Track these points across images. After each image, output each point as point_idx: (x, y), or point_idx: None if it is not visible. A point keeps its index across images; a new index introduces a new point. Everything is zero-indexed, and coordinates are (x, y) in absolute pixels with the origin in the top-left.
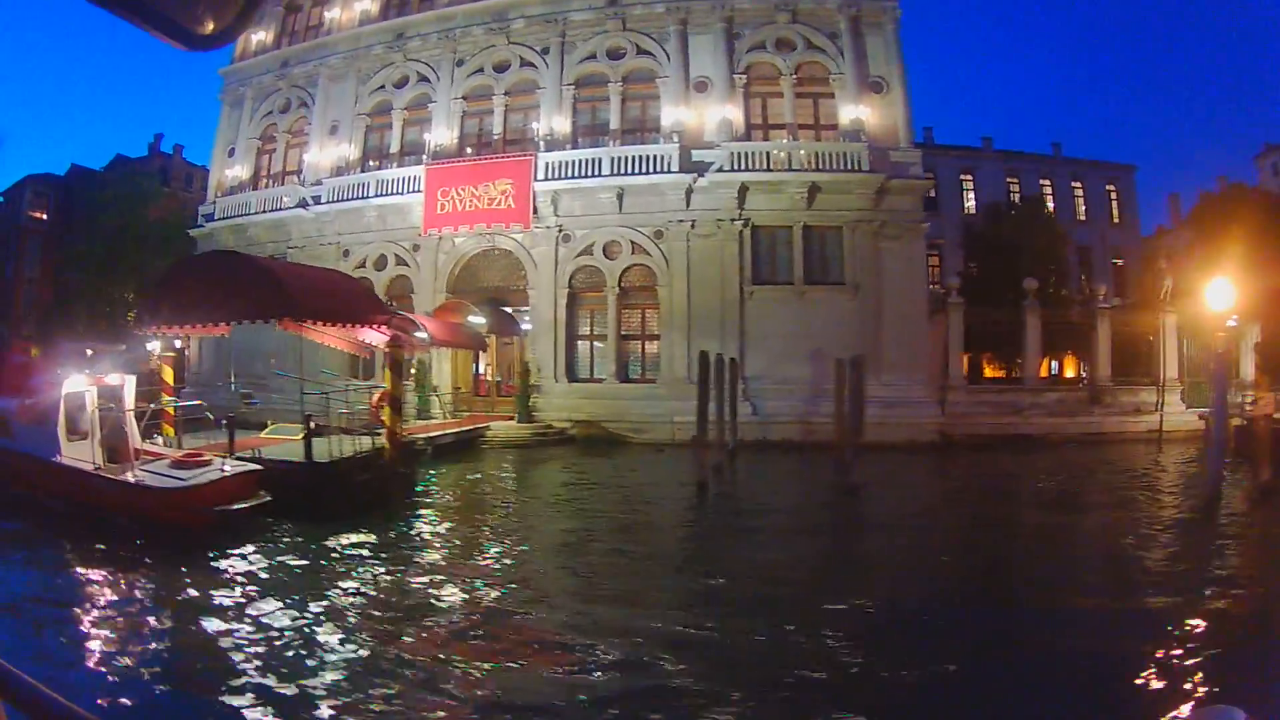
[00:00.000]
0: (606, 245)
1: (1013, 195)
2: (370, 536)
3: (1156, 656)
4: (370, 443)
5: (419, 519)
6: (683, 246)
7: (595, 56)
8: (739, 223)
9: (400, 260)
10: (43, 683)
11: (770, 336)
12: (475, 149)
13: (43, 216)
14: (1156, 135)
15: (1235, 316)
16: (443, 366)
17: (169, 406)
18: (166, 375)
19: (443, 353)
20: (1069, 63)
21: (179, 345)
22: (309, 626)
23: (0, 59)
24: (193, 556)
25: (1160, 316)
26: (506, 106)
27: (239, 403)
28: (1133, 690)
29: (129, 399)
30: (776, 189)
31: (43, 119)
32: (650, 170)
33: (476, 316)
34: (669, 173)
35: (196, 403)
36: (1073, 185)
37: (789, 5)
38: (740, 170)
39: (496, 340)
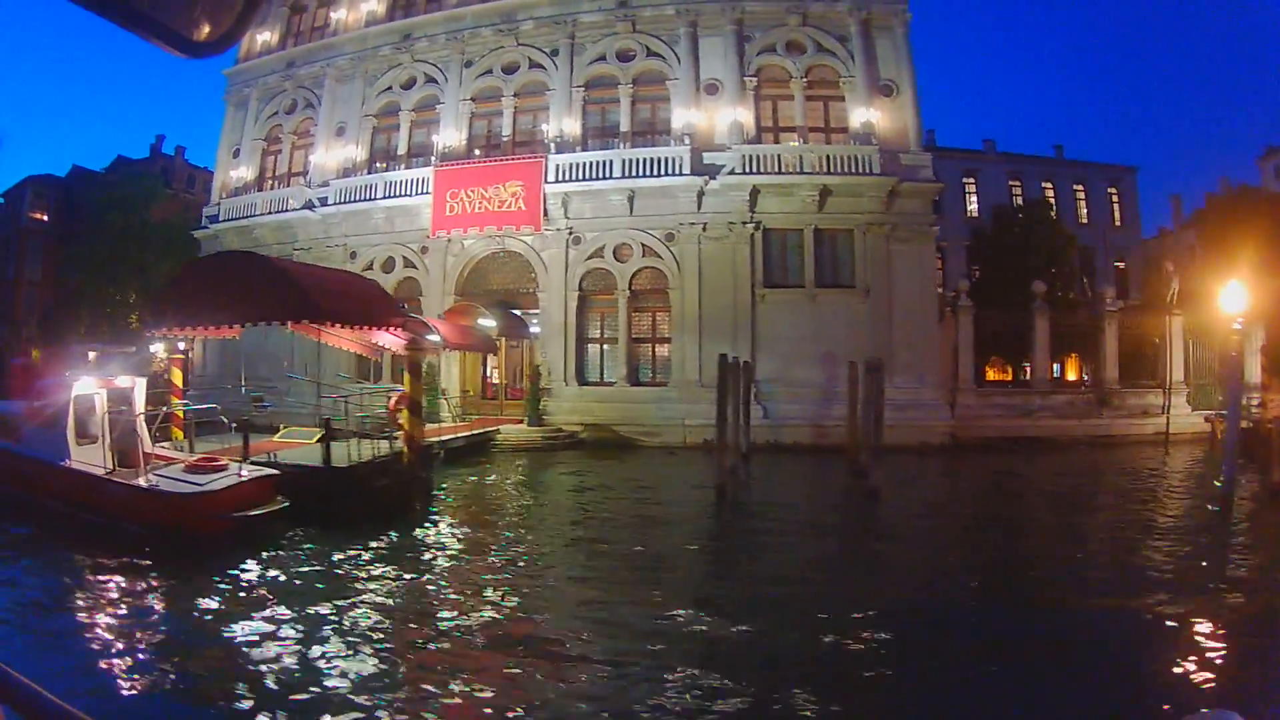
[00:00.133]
0: (617, 248)
1: (1015, 198)
2: (392, 544)
3: (1168, 658)
4: (388, 447)
5: (439, 526)
6: (694, 249)
7: (605, 58)
8: (750, 225)
9: (408, 262)
10: (45, 687)
11: (781, 339)
12: (484, 151)
13: (44, 218)
14: (1157, 137)
15: (1241, 319)
16: (451, 369)
17: (179, 410)
18: (175, 377)
19: (451, 355)
20: (1070, 65)
21: (182, 347)
22: (327, 639)
23: (0, 59)
24: (208, 564)
25: (1167, 319)
26: (515, 108)
27: (249, 406)
28: (1137, 692)
29: (139, 402)
30: (788, 192)
31: (43, 120)
32: (661, 173)
33: (486, 319)
34: (680, 175)
35: (211, 405)
36: (1074, 187)
37: (799, 8)
38: (752, 173)
39: (505, 343)
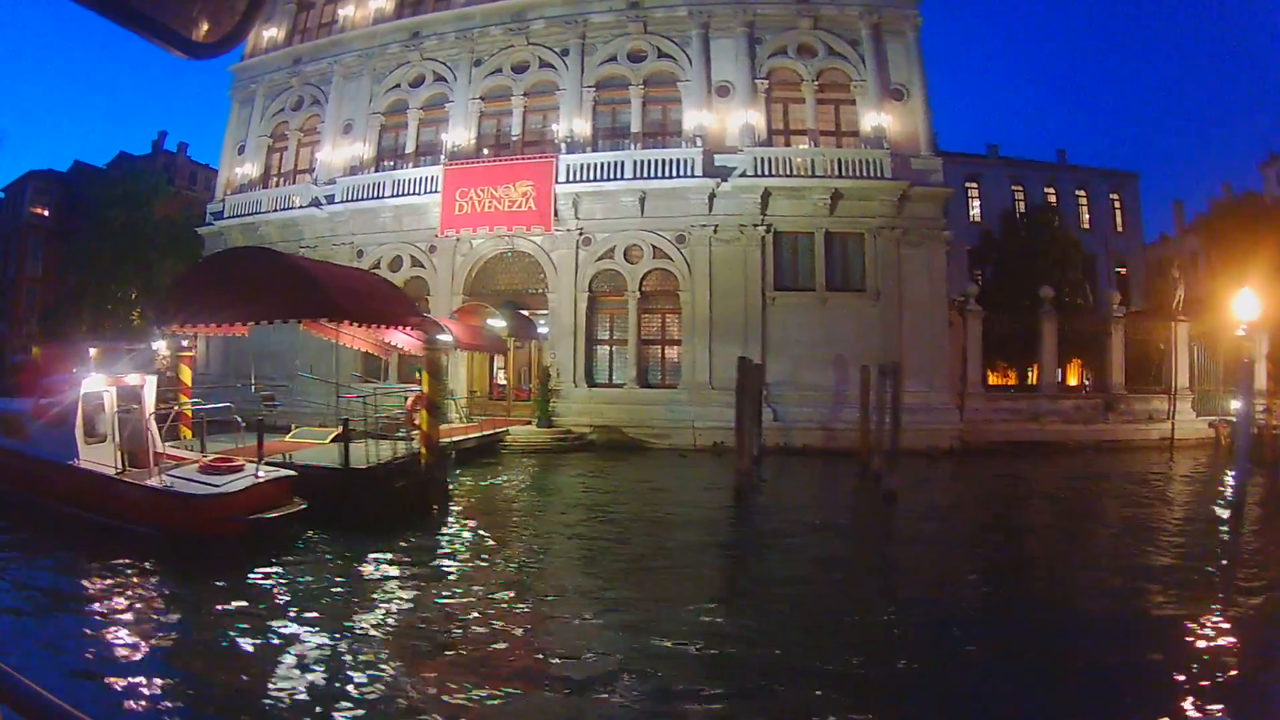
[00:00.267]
0: (627, 249)
1: (1018, 203)
2: (413, 547)
3: (1183, 660)
4: (403, 448)
5: (458, 528)
6: (705, 251)
7: (616, 59)
8: (761, 228)
9: (416, 261)
10: (52, 692)
11: (792, 343)
12: (493, 150)
13: (44, 213)
14: (1159, 143)
15: (1245, 326)
16: (459, 370)
17: (187, 409)
18: (184, 375)
19: (459, 356)
20: (1072, 70)
21: (185, 345)
22: (347, 647)
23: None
24: (224, 568)
25: (1172, 325)
26: (525, 108)
27: (259, 405)
28: (1151, 696)
29: (150, 400)
30: (799, 195)
31: (44, 115)
32: (673, 174)
33: (496, 319)
34: (692, 177)
35: (225, 405)
36: (1077, 193)
37: (810, 11)
38: (763, 176)
39: (511, 343)
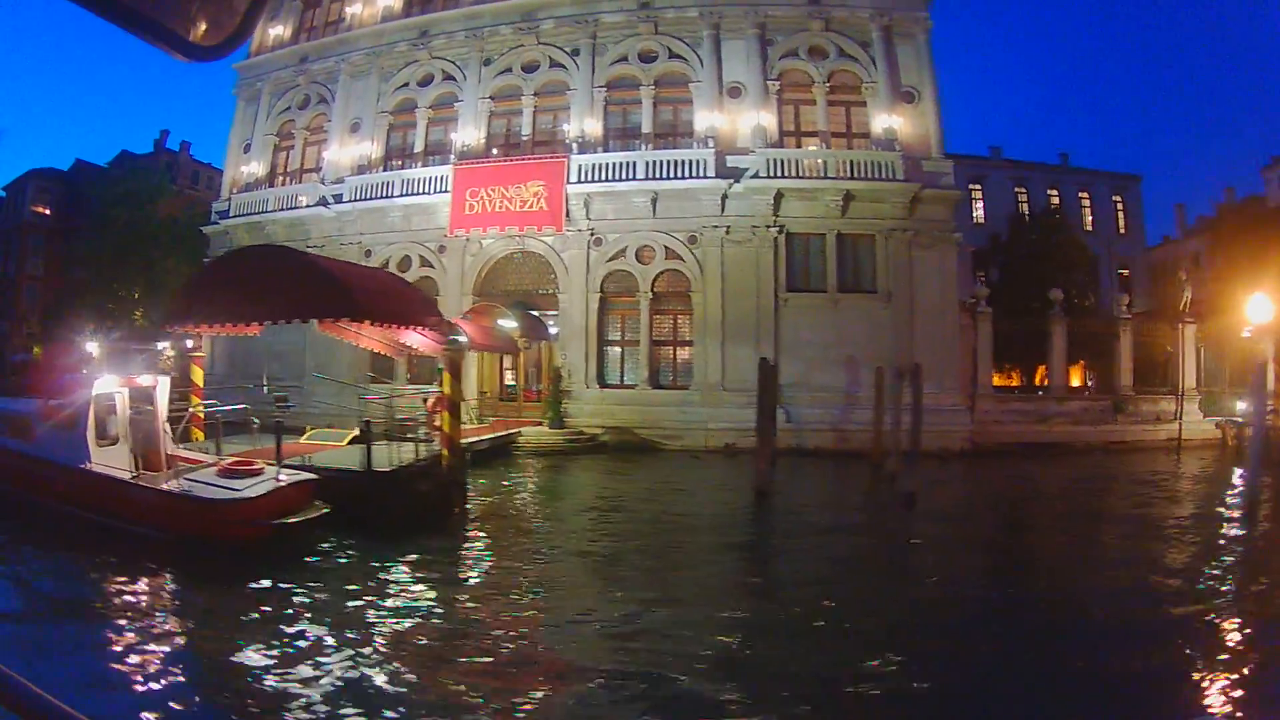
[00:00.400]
0: (639, 250)
1: (1021, 205)
2: (439, 553)
3: (1190, 666)
4: (424, 449)
5: (481, 533)
6: (717, 252)
7: (626, 59)
8: (774, 229)
9: (425, 261)
10: (46, 693)
11: (804, 344)
12: (502, 150)
13: (46, 212)
14: (1160, 146)
15: (1253, 328)
16: (469, 371)
17: (199, 409)
18: (196, 376)
19: (470, 356)
20: (1075, 73)
21: (191, 345)
22: (374, 660)
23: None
24: (247, 575)
25: (1179, 327)
26: (535, 107)
27: (269, 406)
28: (1167, 698)
29: (163, 401)
30: (812, 196)
31: (45, 114)
32: (685, 175)
33: (507, 320)
34: (705, 178)
35: (241, 406)
36: (1080, 195)
37: (821, 13)
38: (776, 177)
39: (523, 344)
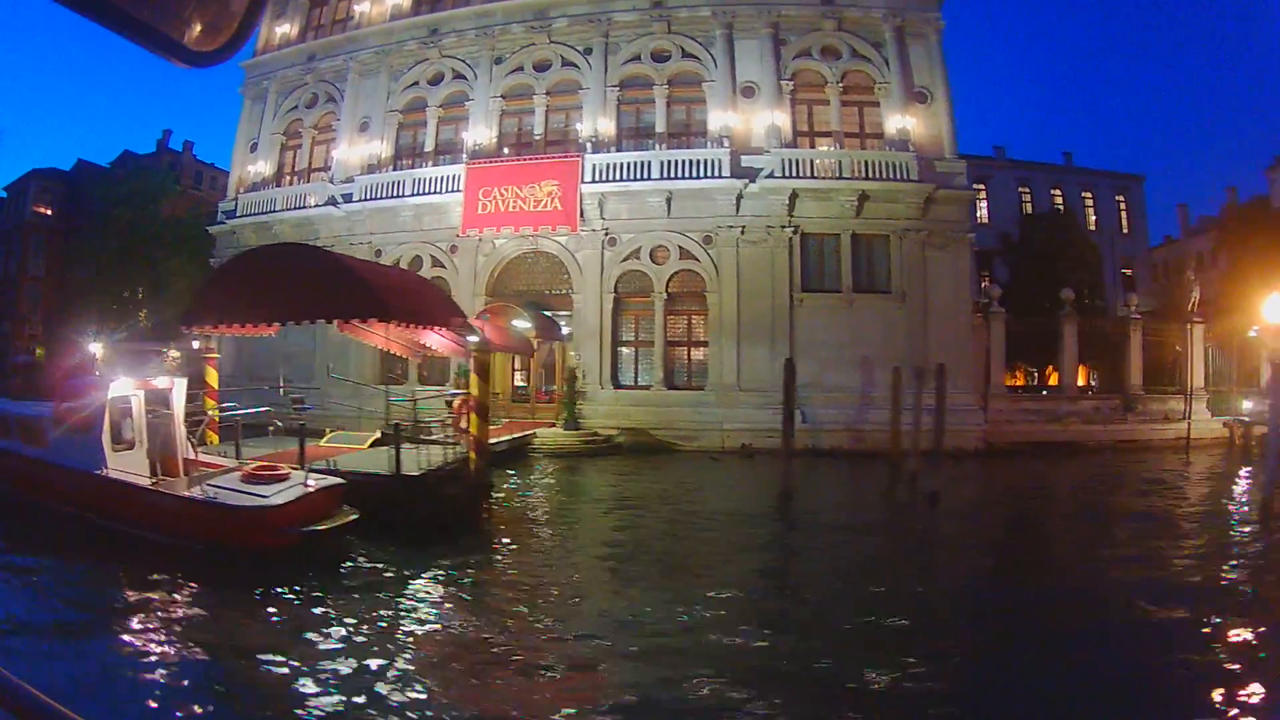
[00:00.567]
0: (653, 250)
1: (1025, 205)
2: (472, 559)
3: (1203, 669)
4: (451, 452)
5: (511, 537)
6: (732, 252)
7: (639, 58)
8: (789, 229)
9: (436, 261)
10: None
11: (819, 344)
12: (514, 149)
13: (47, 212)
14: (1162, 146)
15: (1257, 327)
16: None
17: (214, 411)
18: (210, 378)
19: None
20: (1078, 74)
21: (197, 345)
22: (412, 674)
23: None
24: (278, 585)
25: (1188, 326)
26: (548, 106)
27: (285, 408)
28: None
29: (179, 404)
30: (826, 197)
31: (45, 114)
32: (700, 175)
33: (521, 320)
34: (720, 178)
35: (263, 409)
36: (1083, 195)
37: (834, 13)
38: (791, 177)
39: (538, 345)
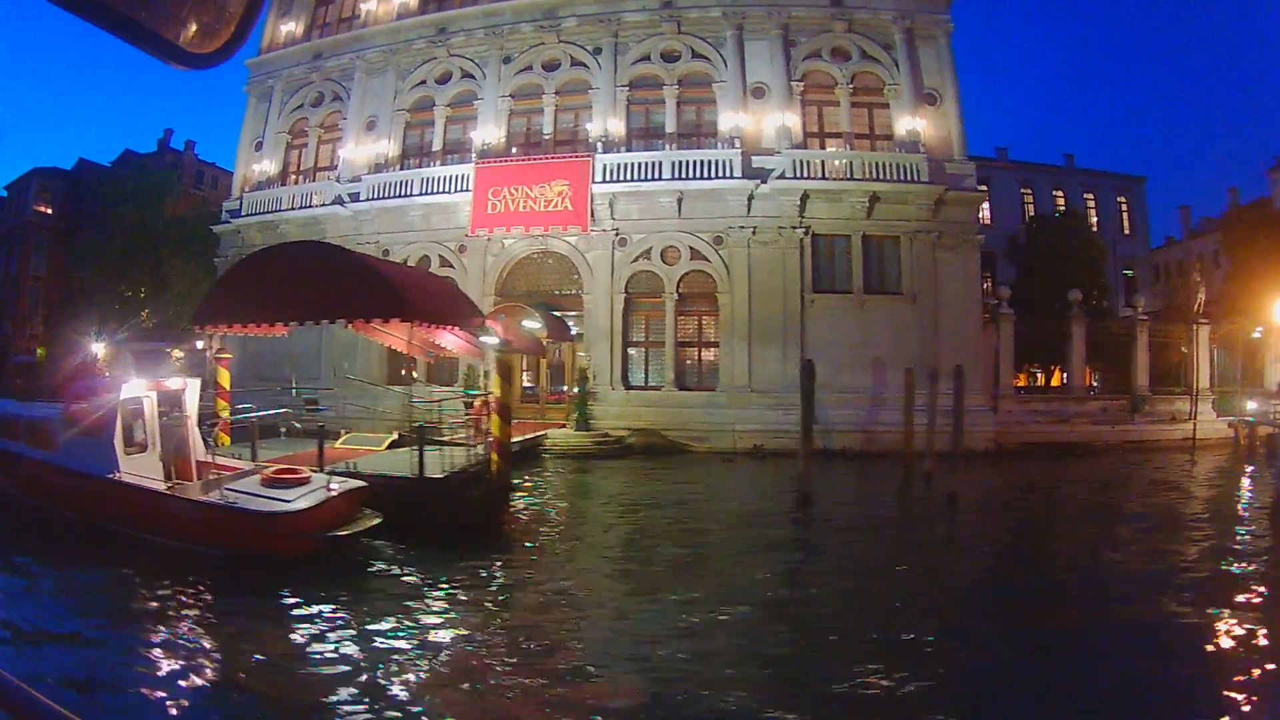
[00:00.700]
0: (664, 250)
1: (1027, 206)
2: (498, 563)
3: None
4: (472, 454)
5: (535, 540)
6: (743, 253)
7: (649, 58)
8: (800, 230)
9: (445, 261)
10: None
11: (830, 345)
12: (523, 149)
13: (48, 211)
14: (1163, 147)
15: (1261, 328)
16: (492, 372)
17: (226, 413)
18: (223, 379)
19: (492, 358)
20: (1080, 75)
21: (201, 345)
22: (447, 683)
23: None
24: (300, 592)
25: (1194, 327)
26: (557, 106)
27: (298, 409)
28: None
29: (193, 405)
30: (837, 198)
31: (46, 113)
32: (711, 175)
33: (532, 320)
34: (731, 178)
35: (280, 410)
36: (1085, 196)
37: (844, 15)
38: (802, 178)
39: (548, 345)
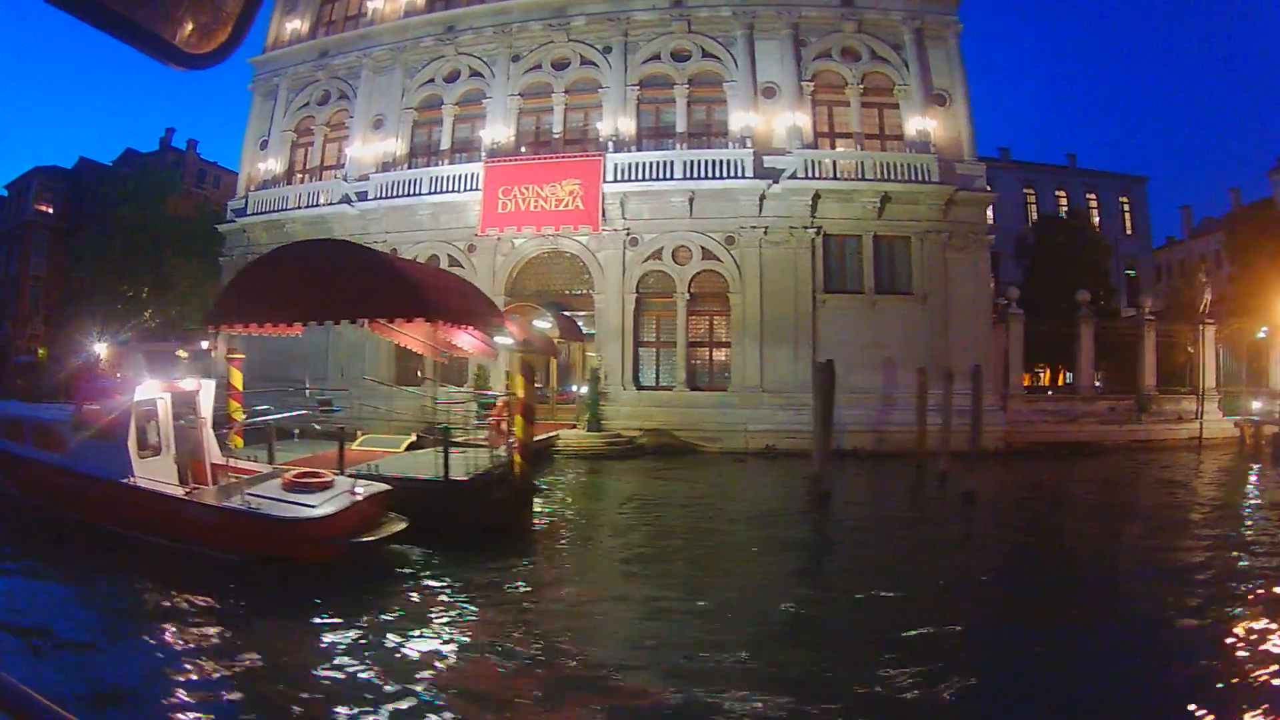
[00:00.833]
0: (675, 250)
1: (1029, 207)
2: (527, 567)
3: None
4: (495, 456)
5: (557, 543)
6: (755, 253)
7: (659, 57)
8: (812, 230)
9: (454, 261)
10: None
11: (841, 345)
12: (532, 148)
13: (49, 210)
14: (1164, 148)
15: (1266, 329)
16: (501, 372)
17: (238, 414)
18: (235, 379)
19: (502, 358)
20: (1081, 76)
21: (205, 346)
22: (464, 702)
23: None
24: (333, 602)
25: (1200, 327)
26: (566, 105)
27: (314, 411)
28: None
29: (207, 407)
30: (848, 198)
31: (46, 112)
32: (723, 175)
33: (543, 320)
34: (743, 178)
35: (301, 413)
36: (1087, 196)
37: (854, 15)
38: (814, 178)
39: (559, 345)
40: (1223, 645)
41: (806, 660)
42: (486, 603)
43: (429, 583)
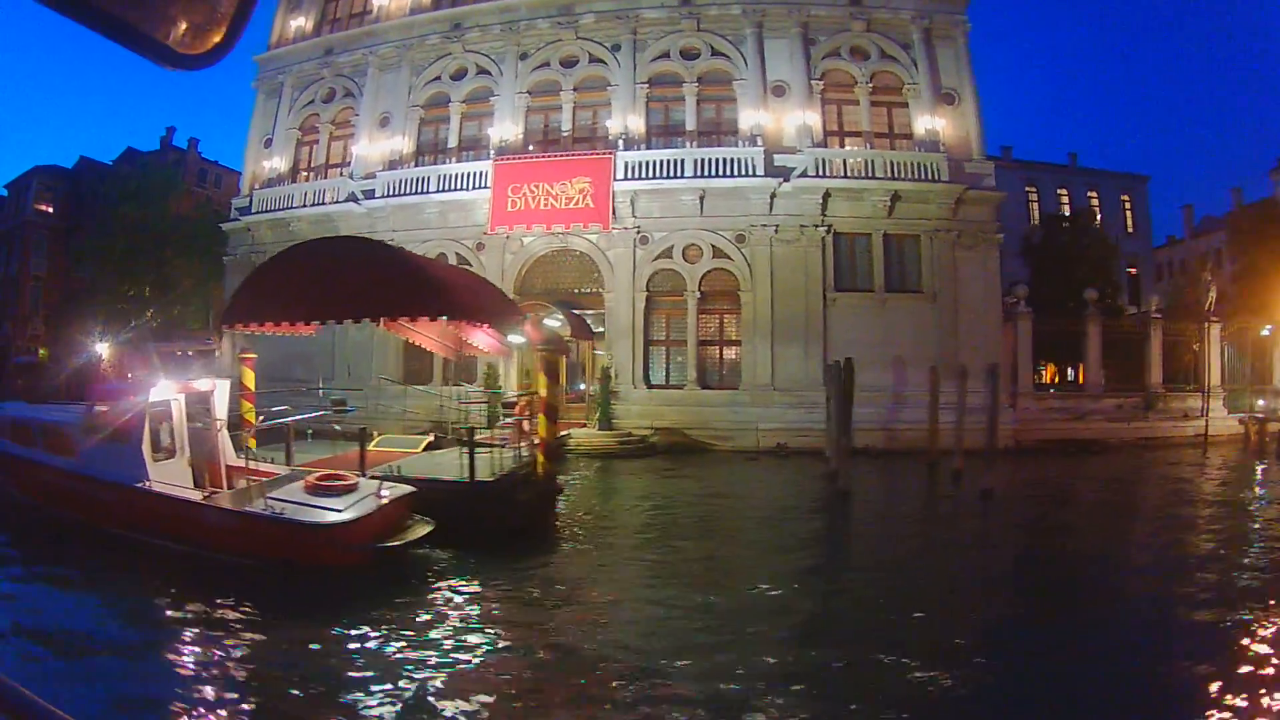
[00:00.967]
0: (686, 248)
1: (1031, 206)
2: (553, 570)
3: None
4: (517, 456)
5: (582, 545)
6: (766, 251)
7: (668, 55)
8: (822, 229)
9: (462, 259)
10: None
11: (852, 343)
12: (540, 146)
13: (50, 210)
14: (1165, 147)
15: (1270, 327)
16: (510, 371)
17: (251, 415)
18: (247, 380)
19: (512, 356)
20: (1083, 75)
21: (209, 344)
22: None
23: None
24: (365, 611)
25: (1204, 325)
26: (575, 103)
27: (330, 412)
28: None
29: (221, 408)
30: (858, 196)
31: (46, 111)
32: (733, 173)
33: (553, 319)
34: (754, 176)
35: (319, 413)
36: (1088, 195)
37: (863, 14)
38: (824, 176)
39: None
40: (1229, 643)
41: (830, 658)
42: (514, 606)
43: (457, 586)
